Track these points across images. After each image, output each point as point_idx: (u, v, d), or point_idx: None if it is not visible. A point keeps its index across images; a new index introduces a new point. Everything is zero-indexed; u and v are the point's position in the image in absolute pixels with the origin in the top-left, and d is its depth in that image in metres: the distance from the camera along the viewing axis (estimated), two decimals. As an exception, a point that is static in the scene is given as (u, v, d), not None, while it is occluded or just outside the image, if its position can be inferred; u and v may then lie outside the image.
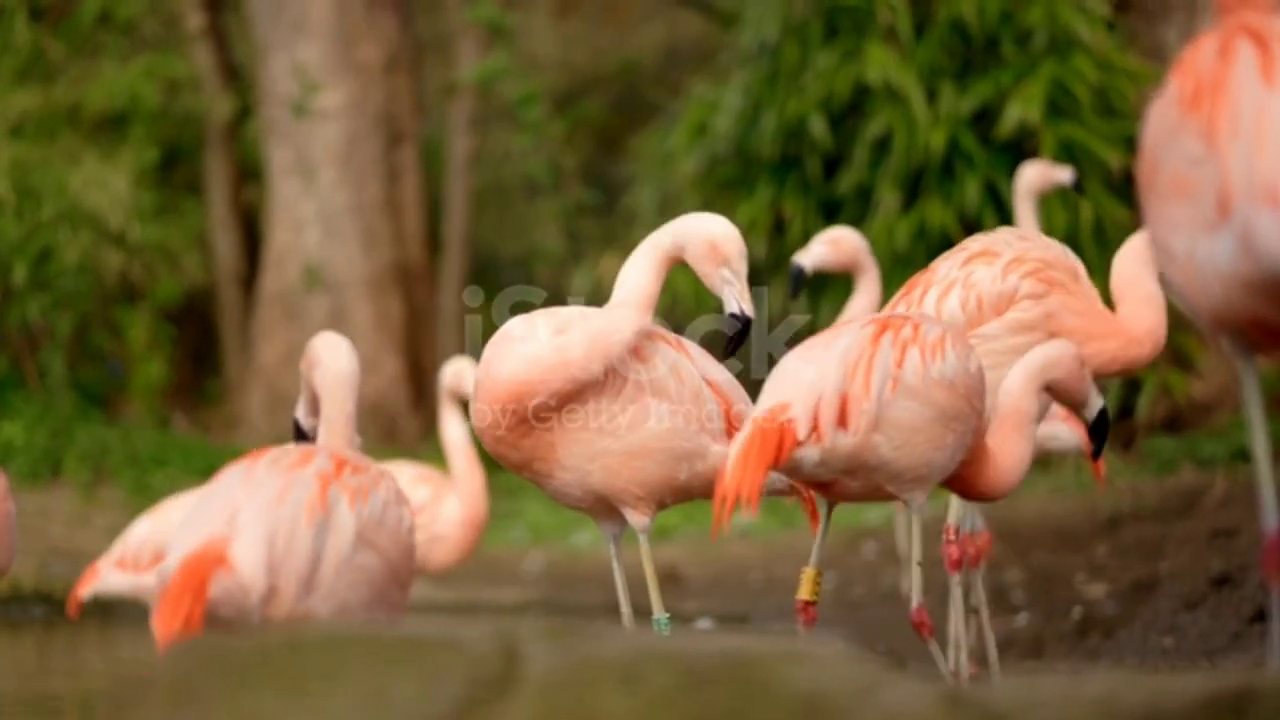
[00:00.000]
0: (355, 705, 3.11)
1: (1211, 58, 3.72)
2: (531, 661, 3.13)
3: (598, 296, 13.32)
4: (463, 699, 3.09)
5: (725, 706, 3.05)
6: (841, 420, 5.21)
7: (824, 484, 5.34)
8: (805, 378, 5.23)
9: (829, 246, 8.23)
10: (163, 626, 4.02)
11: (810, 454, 5.21)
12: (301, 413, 5.10)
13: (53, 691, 8.23)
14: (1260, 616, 7.37)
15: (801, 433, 5.18)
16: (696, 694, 3.05)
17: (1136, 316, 6.04)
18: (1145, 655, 7.57)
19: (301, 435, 5.08)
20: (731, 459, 5.12)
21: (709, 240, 5.29)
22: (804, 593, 5.56)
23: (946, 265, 6.14)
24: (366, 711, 3.09)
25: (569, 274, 15.12)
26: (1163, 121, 3.74)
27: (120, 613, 10.39)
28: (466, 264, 16.77)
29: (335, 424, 4.84)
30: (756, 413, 5.23)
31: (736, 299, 5.27)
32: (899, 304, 6.16)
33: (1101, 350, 5.99)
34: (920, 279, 6.19)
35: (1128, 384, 12.66)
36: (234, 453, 14.12)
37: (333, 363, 4.90)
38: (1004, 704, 3.08)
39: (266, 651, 3.20)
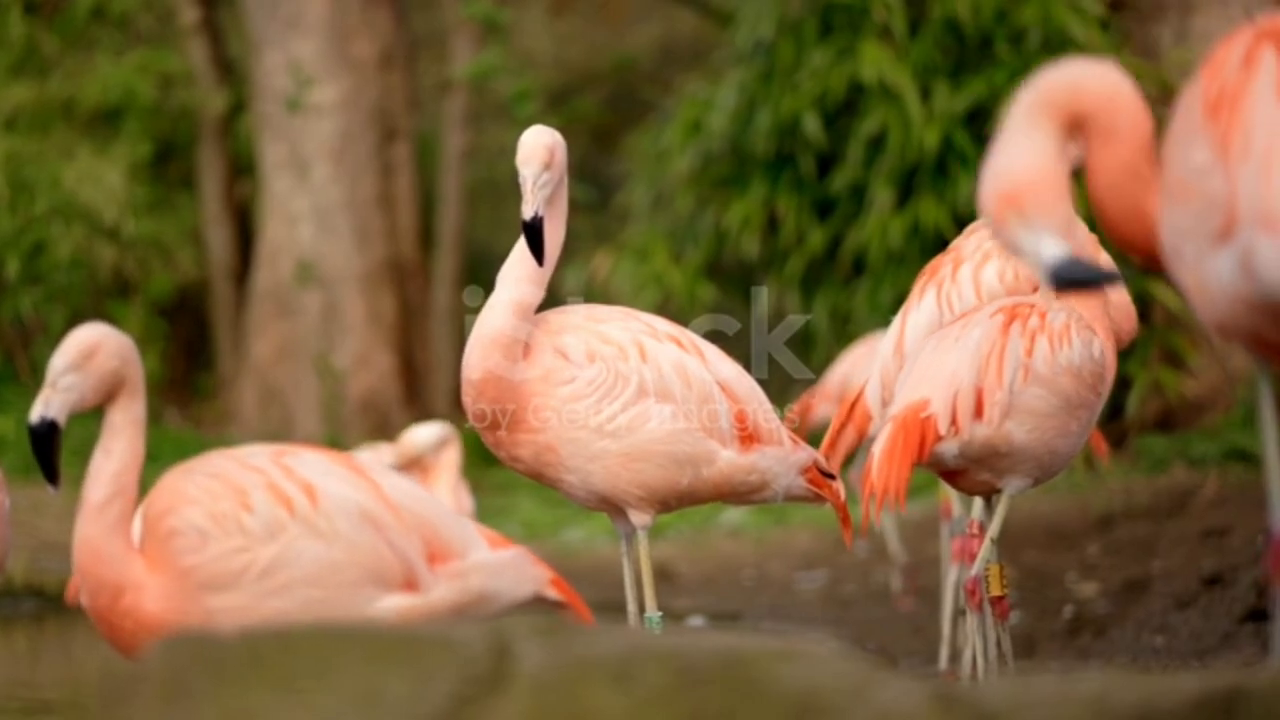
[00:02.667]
0: (347, 703, 3.10)
1: (1236, 63, 3.64)
2: (523, 659, 3.13)
3: (591, 294, 13.33)
4: (454, 696, 3.09)
5: (718, 705, 3.04)
6: (977, 411, 5.37)
7: (952, 473, 5.50)
8: (941, 372, 5.38)
9: None
10: None
11: (950, 447, 5.38)
12: (61, 412, 4.52)
13: (44, 687, 8.22)
14: (1252, 616, 7.38)
15: (943, 427, 5.35)
16: (689, 692, 3.05)
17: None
18: (1137, 654, 7.57)
19: (51, 439, 4.52)
20: (877, 456, 5.28)
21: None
22: (995, 588, 5.64)
23: (974, 240, 6.19)
24: (358, 709, 3.09)
25: (562, 271, 15.11)
26: (1187, 121, 3.67)
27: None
28: (460, 260, 16.75)
29: (141, 423, 4.45)
30: (895, 408, 5.38)
31: (524, 203, 5.17)
32: (928, 287, 6.19)
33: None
34: (944, 259, 6.22)
35: (1119, 383, 12.66)
36: (226, 447, 14.08)
37: (136, 355, 4.40)
38: (996, 703, 3.07)
39: (258, 648, 3.20)
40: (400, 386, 16.28)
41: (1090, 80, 3.70)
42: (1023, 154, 3.70)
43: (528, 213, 5.11)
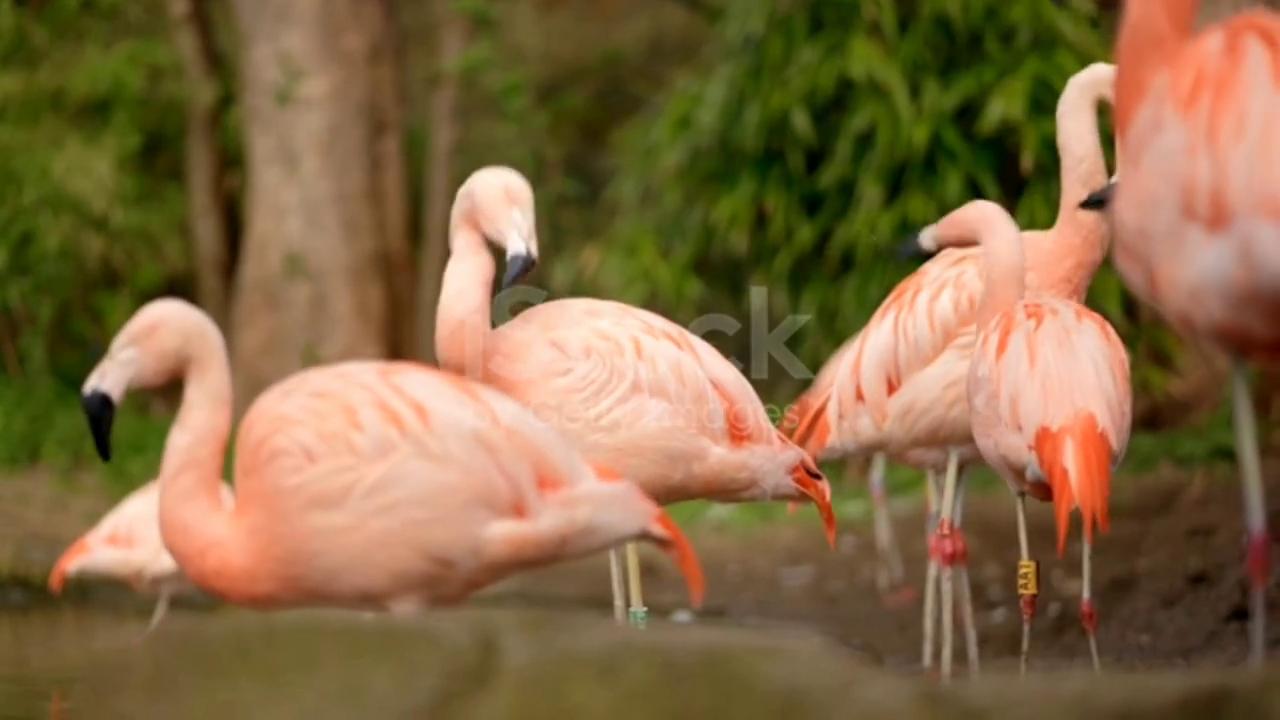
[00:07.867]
0: (332, 696, 3.10)
1: (1217, 54, 3.55)
2: (509, 654, 3.13)
3: (579, 288, 13.32)
4: (440, 690, 3.09)
5: (704, 701, 3.05)
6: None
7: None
8: (1087, 382, 5.23)
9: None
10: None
11: (1112, 464, 5.30)
12: (116, 386, 4.22)
13: (30, 677, 8.21)
14: (1237, 615, 7.38)
15: (1114, 443, 5.25)
16: (675, 688, 3.05)
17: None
18: (1122, 653, 7.58)
19: (104, 412, 4.23)
20: (1075, 472, 5.19)
21: (504, 186, 5.23)
22: (1031, 586, 5.63)
23: (936, 268, 6.17)
24: (343, 703, 3.09)
25: (550, 265, 15.11)
26: (1155, 115, 3.58)
27: (98, 598, 10.37)
28: (448, 254, 16.73)
29: (218, 398, 4.18)
30: (1056, 421, 5.23)
31: (523, 239, 5.22)
32: (890, 309, 6.17)
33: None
34: (910, 282, 6.21)
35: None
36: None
37: (214, 333, 4.22)
38: (981, 701, 3.08)
39: (243, 641, 3.20)
40: (387, 380, 16.27)
41: None
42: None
43: (535, 250, 5.14)
